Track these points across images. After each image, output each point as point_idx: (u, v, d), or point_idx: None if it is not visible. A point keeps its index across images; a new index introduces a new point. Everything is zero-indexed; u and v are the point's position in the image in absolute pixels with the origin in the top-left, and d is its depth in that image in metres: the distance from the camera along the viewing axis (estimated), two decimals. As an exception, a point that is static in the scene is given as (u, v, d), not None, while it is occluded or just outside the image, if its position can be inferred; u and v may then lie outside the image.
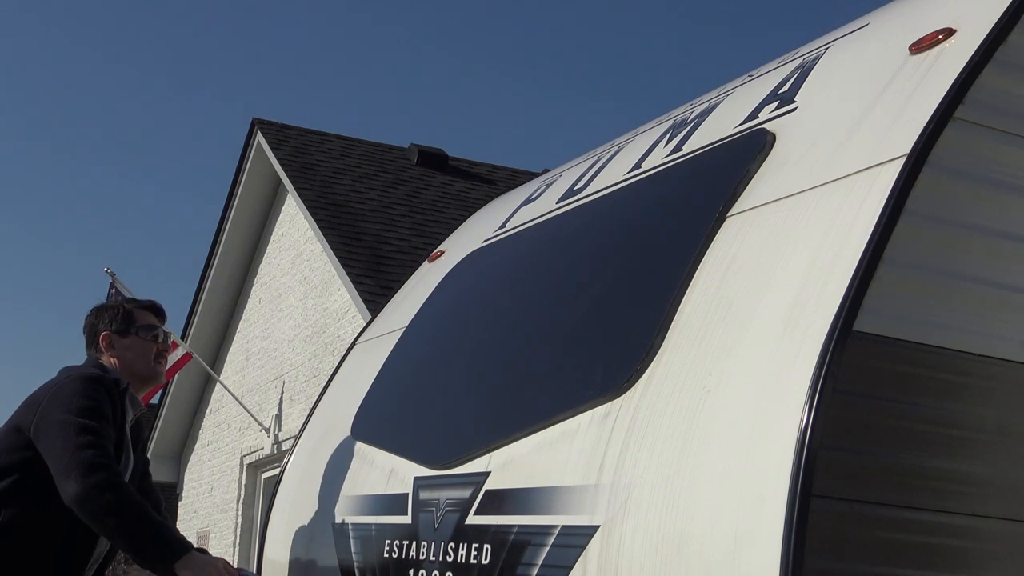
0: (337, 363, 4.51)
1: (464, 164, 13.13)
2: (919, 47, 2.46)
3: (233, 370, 12.56)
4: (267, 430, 11.09)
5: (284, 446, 10.54)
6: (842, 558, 1.95)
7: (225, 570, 2.98)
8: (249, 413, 11.24)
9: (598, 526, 2.33)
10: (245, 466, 11.84)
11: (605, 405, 2.50)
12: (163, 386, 12.65)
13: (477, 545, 2.74)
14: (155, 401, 13.44)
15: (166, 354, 3.48)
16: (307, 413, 4.38)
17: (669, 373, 2.38)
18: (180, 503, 13.89)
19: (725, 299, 2.38)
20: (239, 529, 11.72)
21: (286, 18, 35.61)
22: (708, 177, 2.89)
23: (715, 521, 2.07)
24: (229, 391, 11.51)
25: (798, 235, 2.31)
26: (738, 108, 3.06)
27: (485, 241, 4.08)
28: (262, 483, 11.65)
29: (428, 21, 35.84)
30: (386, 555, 3.19)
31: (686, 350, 2.38)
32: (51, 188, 41.05)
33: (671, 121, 3.51)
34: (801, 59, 3.05)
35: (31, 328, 43.71)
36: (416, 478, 3.16)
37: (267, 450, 11.12)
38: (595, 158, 3.83)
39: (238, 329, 12.65)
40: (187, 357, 11.05)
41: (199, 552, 3.01)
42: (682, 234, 2.75)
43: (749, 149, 2.75)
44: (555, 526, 2.47)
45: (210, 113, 38.20)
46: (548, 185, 4.03)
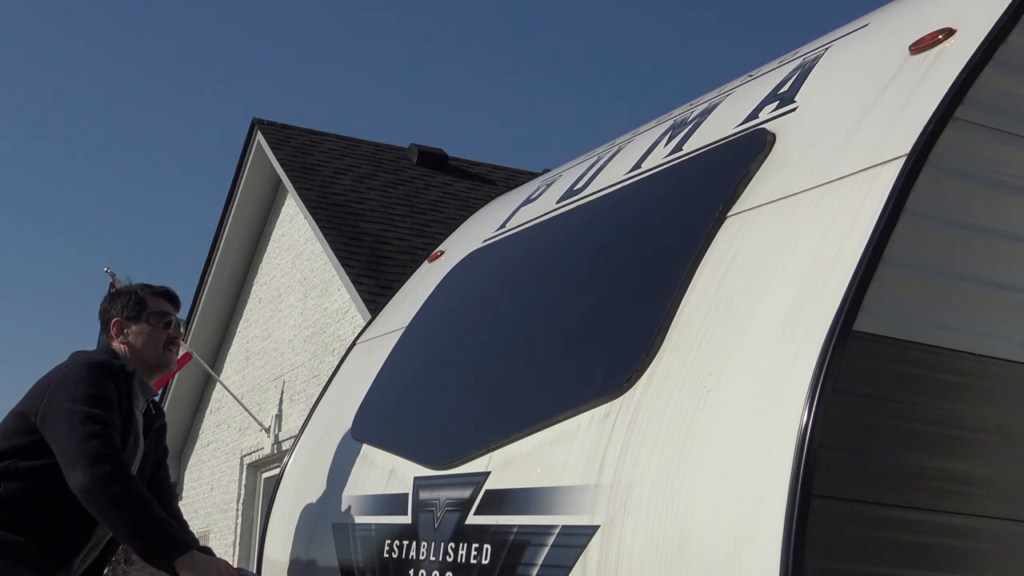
0: (337, 363, 4.51)
1: (464, 164, 13.14)
2: (919, 47, 2.46)
3: (233, 370, 12.56)
4: (267, 430, 11.09)
5: (284, 446, 10.54)
6: (842, 558, 1.95)
7: (225, 570, 2.98)
8: (249, 413, 11.24)
9: (598, 526, 2.33)
10: (245, 466, 11.85)
11: (605, 405, 2.50)
12: (166, 384, 12.66)
13: (477, 545, 2.74)
14: (156, 399, 13.39)
15: (178, 341, 3.48)
16: (307, 413, 4.38)
17: (669, 373, 2.38)
18: (180, 503, 13.87)
19: (725, 299, 2.38)
20: (239, 529, 11.72)
21: (286, 18, 35.62)
22: (708, 177, 2.88)
23: (715, 521, 2.07)
24: (229, 391, 11.51)
25: (798, 235, 2.31)
26: (738, 108, 3.06)
27: (485, 241, 4.08)
28: (262, 483, 11.66)
29: (428, 21, 35.86)
30: (386, 555, 3.19)
31: (686, 350, 2.38)
32: (51, 188, 41.04)
33: (671, 121, 3.51)
34: (801, 59, 3.04)
35: (31, 328, 43.70)
36: (416, 478, 3.16)
37: (267, 450, 11.12)
38: (595, 158, 3.83)
39: (238, 329, 12.65)
40: (187, 357, 11.06)
41: (203, 551, 3.02)
42: (682, 234, 2.75)
43: (749, 149, 2.75)
44: (555, 526, 2.47)
45: (210, 113, 38.18)
46: (548, 185, 4.03)
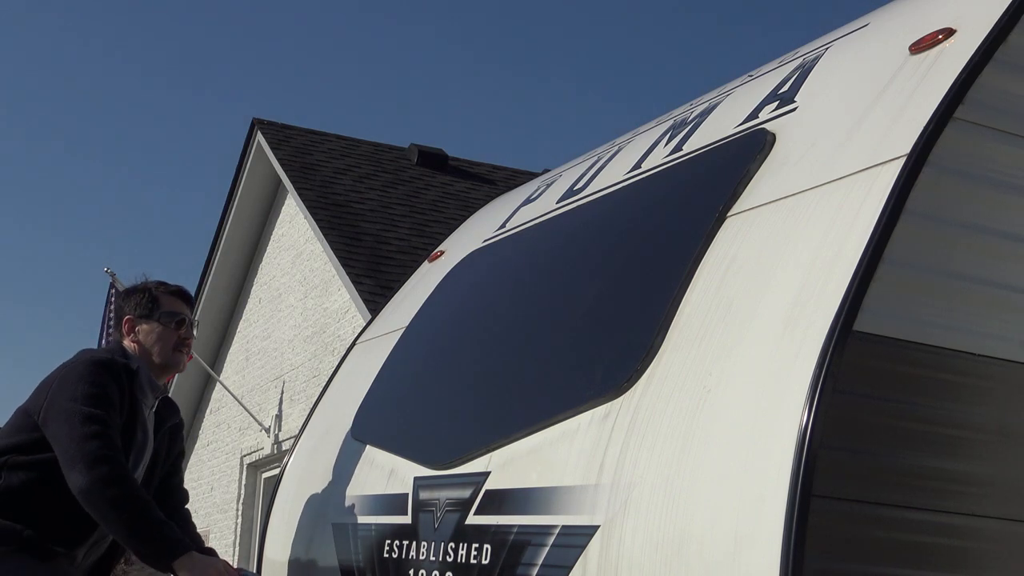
0: (337, 363, 4.51)
1: (464, 164, 13.14)
2: (919, 47, 2.46)
3: (233, 370, 12.56)
4: (267, 430, 11.09)
5: (284, 446, 10.54)
6: (842, 558, 1.95)
7: (225, 570, 2.98)
8: (249, 413, 11.24)
9: (598, 526, 2.33)
10: (245, 466, 11.84)
11: (605, 405, 2.50)
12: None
13: (477, 545, 2.74)
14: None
15: (189, 342, 3.43)
16: (307, 413, 4.38)
17: (669, 373, 2.38)
18: (180, 503, 13.89)
19: (725, 299, 2.38)
20: (239, 529, 11.72)
21: (286, 18, 35.62)
22: (708, 177, 2.88)
23: (715, 521, 2.07)
24: (229, 391, 11.51)
25: (798, 235, 2.31)
26: (738, 108, 3.06)
27: (485, 241, 4.08)
28: (262, 483, 11.65)
29: (428, 21, 35.85)
30: (386, 555, 3.19)
31: (686, 350, 2.38)
32: (51, 187, 41.04)
33: (671, 121, 3.51)
34: (801, 59, 3.04)
35: (30, 328, 43.71)
36: (416, 478, 3.16)
37: (267, 450, 11.12)
38: (595, 158, 3.83)
39: (238, 329, 12.65)
40: (188, 357, 11.04)
41: (204, 552, 3.02)
42: (682, 234, 2.75)
43: (749, 149, 2.75)
44: (555, 526, 2.47)
45: (210, 113, 38.17)
46: (548, 185, 4.03)
